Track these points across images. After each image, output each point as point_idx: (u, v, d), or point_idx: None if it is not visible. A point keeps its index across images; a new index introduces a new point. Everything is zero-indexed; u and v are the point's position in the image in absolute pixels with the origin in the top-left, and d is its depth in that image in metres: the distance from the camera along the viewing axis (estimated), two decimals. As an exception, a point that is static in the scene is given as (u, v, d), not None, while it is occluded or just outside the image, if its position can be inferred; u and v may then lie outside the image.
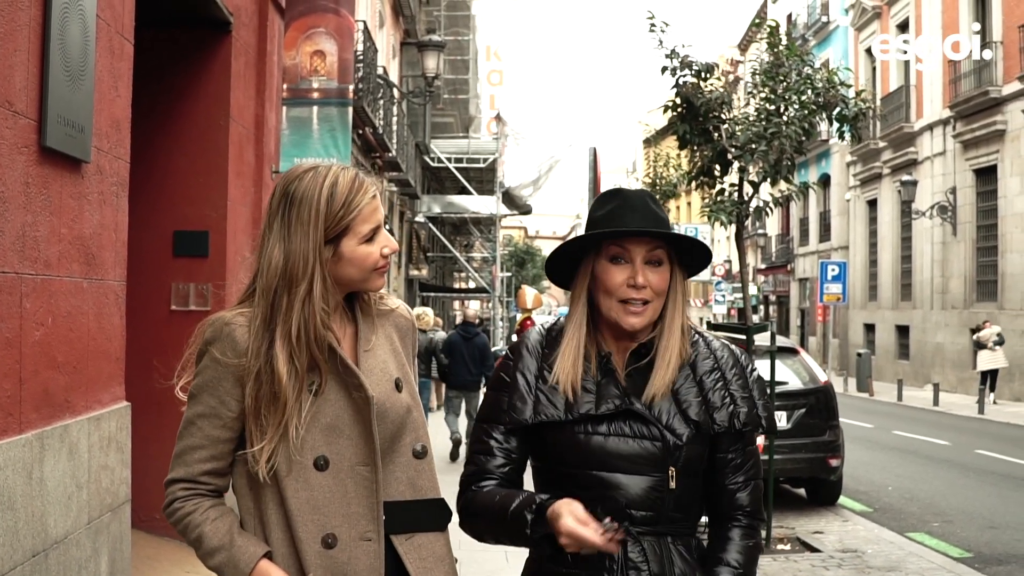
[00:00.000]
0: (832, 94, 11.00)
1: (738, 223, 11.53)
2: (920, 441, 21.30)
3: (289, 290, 2.84)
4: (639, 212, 3.04)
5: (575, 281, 3.11)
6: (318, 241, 2.84)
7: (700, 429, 2.99)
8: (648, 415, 2.99)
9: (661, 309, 3.06)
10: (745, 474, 3.07)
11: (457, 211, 42.94)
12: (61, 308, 5.47)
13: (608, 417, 3.01)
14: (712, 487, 3.08)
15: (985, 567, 10.31)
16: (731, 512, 3.06)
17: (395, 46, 33.46)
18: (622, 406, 3.00)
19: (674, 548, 2.98)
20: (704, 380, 3.05)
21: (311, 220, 2.84)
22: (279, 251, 2.86)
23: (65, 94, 5.33)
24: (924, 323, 38.20)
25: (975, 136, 33.84)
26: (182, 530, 2.91)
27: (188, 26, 9.16)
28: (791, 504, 13.89)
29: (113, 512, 6.16)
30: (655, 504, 2.97)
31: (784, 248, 57.73)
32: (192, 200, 9.24)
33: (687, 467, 2.99)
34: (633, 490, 2.97)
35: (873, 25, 43.95)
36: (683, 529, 3.02)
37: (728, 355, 3.12)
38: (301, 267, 2.83)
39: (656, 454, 2.97)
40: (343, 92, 11.90)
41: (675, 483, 2.97)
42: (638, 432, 2.99)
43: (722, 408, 3.02)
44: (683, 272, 3.11)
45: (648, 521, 2.97)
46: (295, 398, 2.82)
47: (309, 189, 2.87)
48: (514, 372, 3.12)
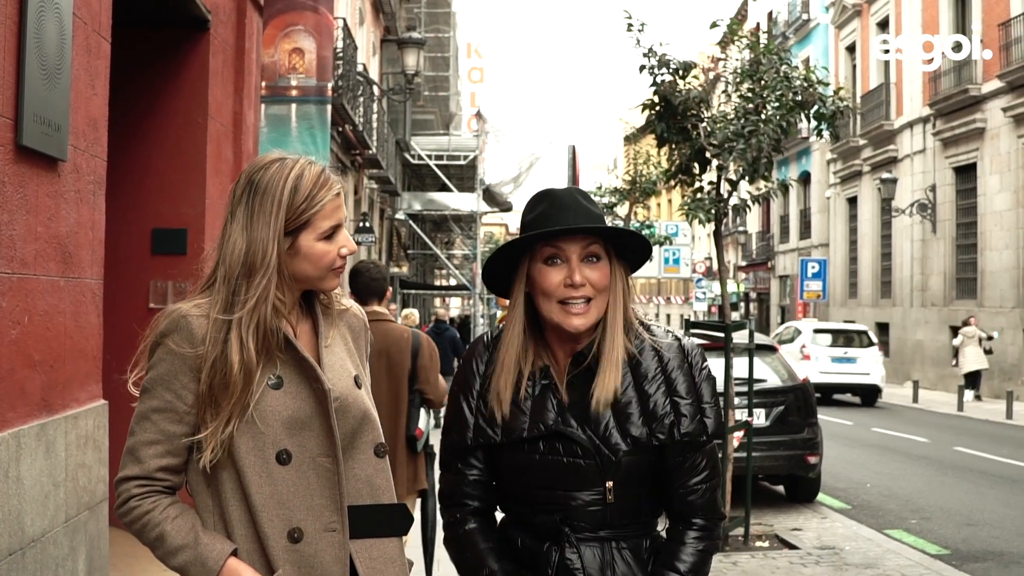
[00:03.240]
0: (810, 92, 11.02)
1: (716, 221, 11.54)
2: (899, 438, 21.37)
3: (249, 278, 2.80)
4: (570, 210, 2.98)
5: (512, 288, 3.06)
6: (278, 231, 2.82)
7: (638, 443, 2.93)
8: (577, 435, 2.95)
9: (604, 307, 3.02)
10: (699, 477, 3.00)
11: (438, 208, 42.87)
12: (38, 307, 5.47)
13: (540, 438, 2.98)
14: (666, 490, 3.03)
15: (962, 564, 10.35)
16: (685, 514, 3.02)
17: (375, 43, 33.43)
18: (552, 428, 2.97)
19: (618, 552, 2.97)
20: (646, 386, 2.98)
21: (273, 210, 2.81)
22: (242, 239, 2.83)
23: (41, 92, 5.33)
24: (904, 320, 38.33)
25: (955, 134, 33.96)
26: (139, 529, 2.83)
27: (166, 24, 9.14)
28: (769, 501, 13.92)
29: (91, 511, 6.16)
30: (595, 516, 2.96)
31: (764, 245, 57.84)
32: (170, 198, 9.23)
33: (628, 478, 2.96)
34: (573, 504, 2.97)
35: (854, 23, 44.11)
36: (631, 532, 3.00)
37: (676, 354, 3.03)
38: (261, 256, 2.80)
39: (590, 471, 2.95)
40: (322, 90, 11.90)
41: (612, 496, 2.95)
42: (570, 451, 2.95)
43: (663, 418, 2.94)
44: (624, 267, 3.05)
45: (589, 530, 2.97)
46: (245, 386, 2.77)
47: (274, 179, 2.84)
48: (457, 394, 3.12)
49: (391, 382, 7.00)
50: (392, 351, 7.01)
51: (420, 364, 7.09)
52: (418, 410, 7.17)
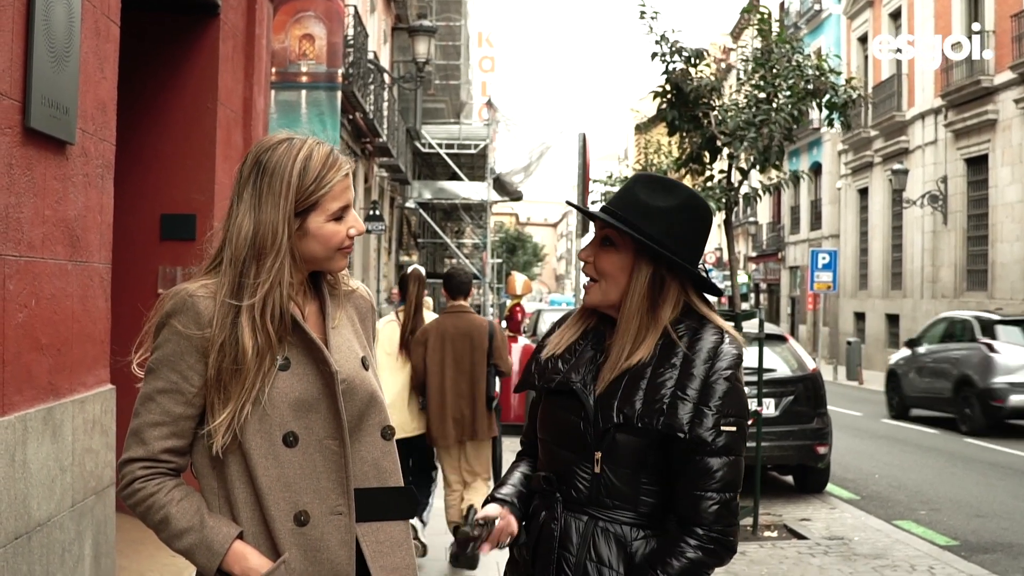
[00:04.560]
0: (822, 81, 10.98)
1: (727, 210, 11.52)
2: (909, 429, 21.34)
3: (258, 260, 2.78)
4: (619, 195, 3.06)
5: None
6: (288, 213, 2.79)
7: (629, 421, 2.92)
8: (584, 396, 3.01)
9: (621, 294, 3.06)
10: (709, 484, 2.91)
11: (448, 197, 42.91)
12: (45, 290, 5.45)
13: (561, 392, 3.07)
14: (674, 490, 2.97)
15: (971, 555, 10.33)
16: (688, 519, 2.92)
17: (386, 31, 33.43)
18: (565, 382, 3.05)
19: (602, 533, 2.95)
20: (661, 371, 2.96)
21: (282, 191, 2.78)
22: (249, 220, 2.80)
23: (50, 75, 5.30)
24: (914, 312, 38.21)
25: (966, 125, 33.81)
26: (143, 512, 2.81)
27: (176, 9, 9.11)
28: (778, 491, 13.91)
29: (97, 495, 6.15)
30: (585, 489, 2.98)
31: (775, 236, 57.72)
32: (179, 184, 9.21)
33: (619, 456, 2.95)
34: (569, 468, 3.02)
35: (866, 13, 43.94)
36: (621, 518, 2.97)
37: (704, 351, 2.99)
38: (271, 238, 2.77)
39: (583, 435, 2.99)
40: (332, 76, 11.89)
41: (599, 468, 2.96)
42: (576, 411, 3.02)
43: (656, 405, 2.92)
44: (651, 263, 3.02)
45: (578, 503, 2.99)
46: (257, 371, 2.75)
47: (282, 160, 2.81)
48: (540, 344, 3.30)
49: (474, 357, 8.93)
50: (475, 334, 8.96)
51: (495, 344, 9.05)
52: (494, 378, 9.07)
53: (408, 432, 8.80)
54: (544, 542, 3.02)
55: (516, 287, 20.66)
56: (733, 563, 9.56)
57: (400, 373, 8.94)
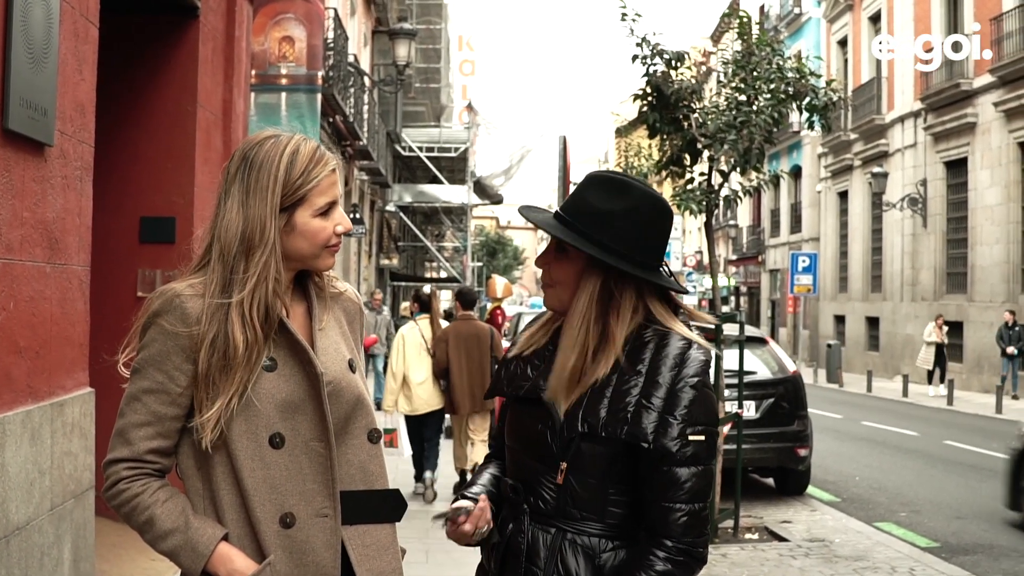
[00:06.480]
0: (802, 84, 11.00)
1: (707, 212, 11.52)
2: (889, 432, 21.38)
3: (247, 256, 2.76)
4: (571, 199, 3.02)
5: None
6: (275, 207, 2.78)
7: (593, 431, 2.86)
8: (551, 405, 2.95)
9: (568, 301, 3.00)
10: (677, 495, 2.84)
11: (428, 200, 42.86)
12: (23, 292, 5.42)
13: (529, 400, 3.02)
14: (642, 501, 2.90)
15: (951, 557, 10.35)
16: (656, 531, 2.85)
17: (366, 34, 33.39)
18: (531, 390, 3.01)
19: (569, 547, 2.90)
20: (627, 378, 2.89)
21: (269, 185, 2.77)
22: (238, 216, 2.78)
23: (28, 76, 5.28)
24: (894, 315, 38.36)
25: (946, 128, 33.96)
26: (128, 513, 2.79)
27: (156, 11, 9.08)
28: (759, 493, 13.92)
29: (76, 499, 6.11)
30: (552, 499, 2.93)
31: (755, 239, 57.86)
32: (159, 186, 9.18)
33: (585, 466, 2.89)
34: (535, 477, 2.97)
35: (845, 17, 44.12)
36: (589, 530, 2.91)
37: (671, 358, 2.91)
38: (259, 232, 2.76)
39: (548, 444, 2.94)
40: (312, 78, 11.87)
41: (561, 478, 2.90)
42: (543, 419, 2.97)
43: (620, 413, 2.85)
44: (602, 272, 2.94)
45: (546, 514, 2.94)
46: (246, 367, 2.74)
47: (269, 154, 2.80)
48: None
49: (481, 355, 12.22)
50: (481, 335, 12.33)
51: (495, 342, 12.42)
52: (494, 366, 11.16)
53: (433, 406, 12.43)
54: (511, 556, 2.97)
55: (497, 290, 20.65)
56: (714, 565, 9.57)
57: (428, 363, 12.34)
